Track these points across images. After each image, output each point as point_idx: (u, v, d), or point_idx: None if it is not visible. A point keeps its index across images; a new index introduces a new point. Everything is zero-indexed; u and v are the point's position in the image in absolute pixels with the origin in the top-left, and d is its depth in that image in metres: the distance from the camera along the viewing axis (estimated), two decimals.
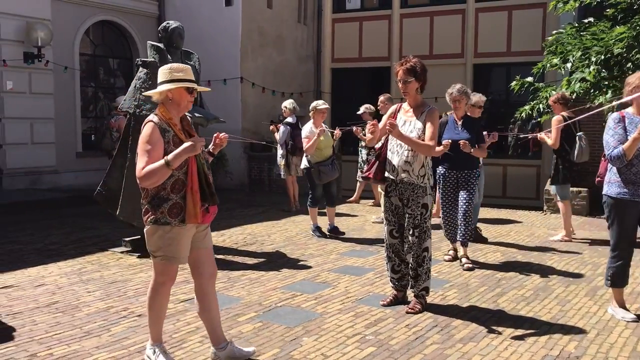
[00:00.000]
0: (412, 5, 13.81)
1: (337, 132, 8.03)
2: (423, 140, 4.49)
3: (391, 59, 13.58)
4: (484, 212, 9.22)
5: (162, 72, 3.43)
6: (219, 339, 3.62)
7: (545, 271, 5.95)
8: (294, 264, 6.17)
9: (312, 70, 14.69)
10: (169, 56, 6.40)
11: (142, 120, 6.13)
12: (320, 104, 7.75)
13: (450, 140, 5.60)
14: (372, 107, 9.50)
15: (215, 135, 3.63)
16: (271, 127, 10.19)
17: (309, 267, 6.01)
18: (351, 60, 14.31)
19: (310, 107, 7.76)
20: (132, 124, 6.35)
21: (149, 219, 3.39)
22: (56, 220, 8.50)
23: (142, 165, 3.24)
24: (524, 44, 12.43)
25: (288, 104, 9.74)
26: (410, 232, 4.59)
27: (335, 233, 7.73)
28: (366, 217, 9.28)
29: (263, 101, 12.86)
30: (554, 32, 9.19)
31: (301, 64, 14.29)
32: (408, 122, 4.62)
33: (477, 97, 6.49)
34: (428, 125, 4.51)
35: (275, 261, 6.32)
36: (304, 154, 7.72)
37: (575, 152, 7.16)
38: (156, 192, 3.33)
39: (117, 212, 6.29)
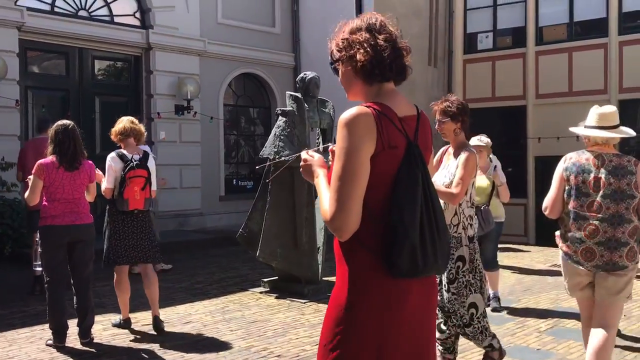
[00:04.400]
0: (548, 42, 13.29)
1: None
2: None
3: (527, 97, 13.12)
4: None
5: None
6: None
7: None
8: None
9: None
10: (305, 105, 6.72)
11: (281, 166, 6.53)
12: (475, 141, 6.08)
13: None
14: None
15: None
16: None
17: None
18: (483, 100, 13.99)
19: None
20: (271, 170, 6.70)
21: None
22: (201, 260, 9.08)
23: None
24: None
25: None
26: (446, 288, 3.88)
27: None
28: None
29: None
30: None
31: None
32: (446, 166, 4.12)
33: None
34: (458, 169, 3.91)
35: None
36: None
37: None
38: None
39: (257, 253, 6.62)
